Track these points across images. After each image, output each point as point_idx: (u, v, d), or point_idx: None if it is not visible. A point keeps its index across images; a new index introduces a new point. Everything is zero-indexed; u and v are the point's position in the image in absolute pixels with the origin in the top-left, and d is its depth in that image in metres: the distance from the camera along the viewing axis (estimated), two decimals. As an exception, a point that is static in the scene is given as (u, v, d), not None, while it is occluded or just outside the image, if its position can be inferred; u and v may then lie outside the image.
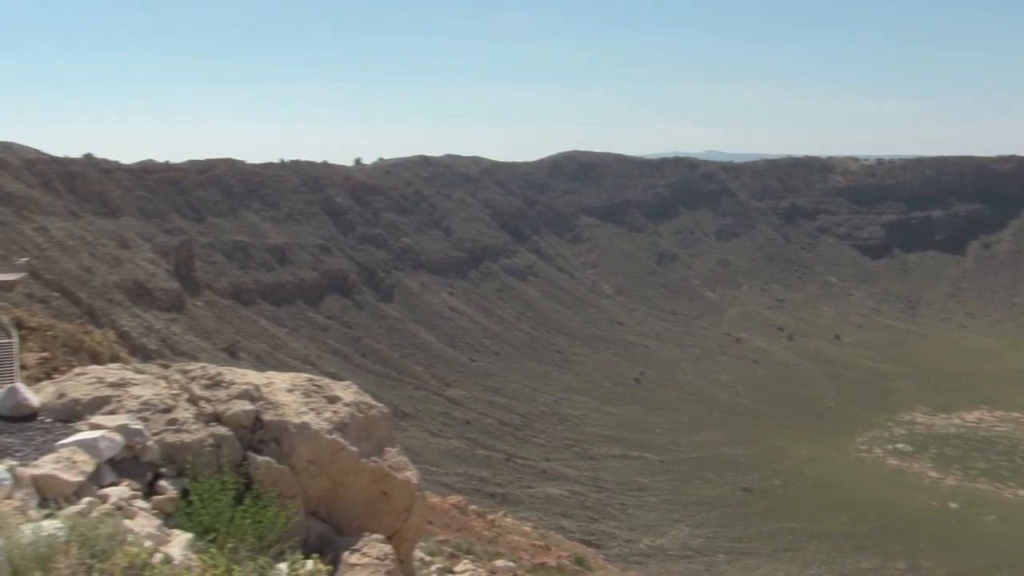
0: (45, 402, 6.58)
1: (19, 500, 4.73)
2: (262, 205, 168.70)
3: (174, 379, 6.97)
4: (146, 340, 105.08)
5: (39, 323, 50.21)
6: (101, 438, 5.68)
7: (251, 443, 6.51)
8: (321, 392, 7.08)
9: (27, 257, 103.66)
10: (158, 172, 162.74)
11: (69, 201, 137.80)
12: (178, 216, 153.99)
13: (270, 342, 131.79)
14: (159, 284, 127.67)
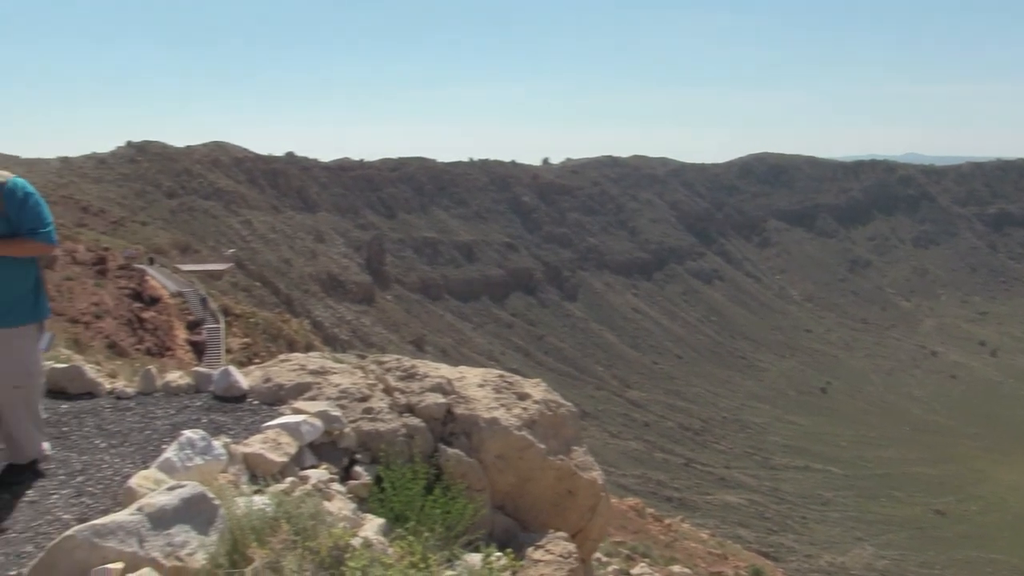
0: (253, 385, 6.95)
1: (232, 475, 5.01)
2: (451, 203, 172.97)
3: (370, 370, 7.21)
4: (338, 330, 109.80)
5: (243, 311, 53.42)
6: (303, 422, 5.93)
7: (442, 435, 6.65)
8: (511, 389, 7.16)
9: (233, 249, 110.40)
10: (353, 170, 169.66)
11: (271, 196, 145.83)
12: (371, 212, 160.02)
13: (455, 337, 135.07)
14: (351, 277, 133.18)
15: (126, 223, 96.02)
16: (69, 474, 5.37)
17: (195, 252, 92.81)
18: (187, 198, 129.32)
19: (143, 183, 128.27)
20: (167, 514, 3.85)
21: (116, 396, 6.98)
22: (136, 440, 6.03)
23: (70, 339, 23.35)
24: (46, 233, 4.88)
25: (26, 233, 4.85)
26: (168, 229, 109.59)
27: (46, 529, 4.58)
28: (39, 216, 4.87)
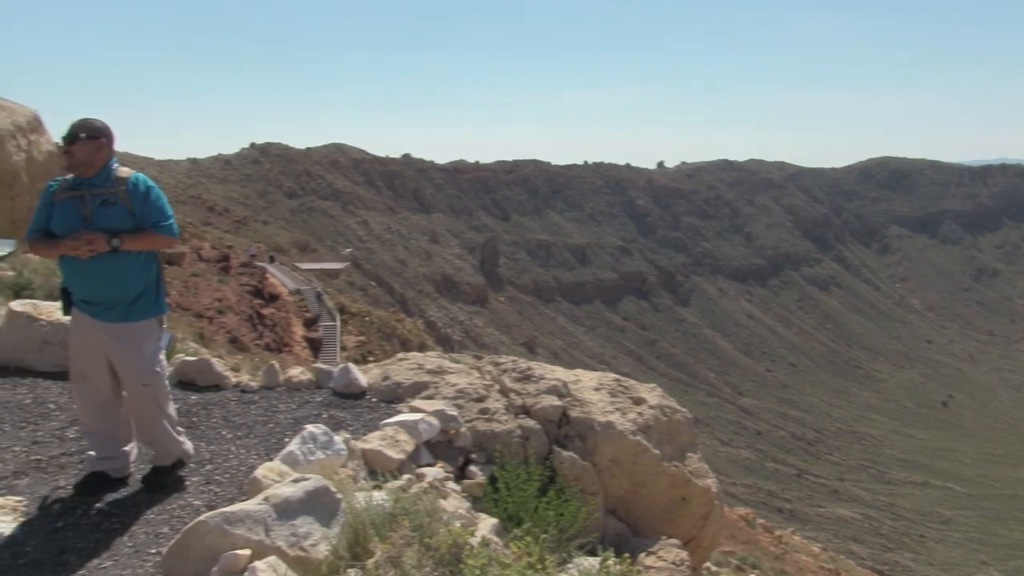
0: (372, 383, 7.08)
1: (351, 470, 5.12)
2: (565, 205, 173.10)
3: (487, 370, 7.27)
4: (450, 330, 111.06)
5: (359, 309, 54.55)
6: (421, 421, 6.02)
7: (557, 438, 6.65)
8: (627, 393, 7.12)
9: (351, 248, 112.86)
10: (468, 172, 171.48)
11: (388, 198, 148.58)
12: (485, 214, 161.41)
13: (567, 339, 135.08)
14: (465, 278, 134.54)
15: (249, 222, 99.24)
16: (199, 462, 5.59)
17: (313, 251, 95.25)
18: (307, 198, 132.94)
19: (265, 183, 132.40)
20: (292, 505, 3.97)
21: (241, 389, 7.23)
22: (260, 432, 6.23)
23: (195, 333, 24.23)
24: (168, 226, 4.99)
25: (150, 226, 4.94)
26: (288, 228, 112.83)
27: (179, 513, 4.81)
28: (161, 210, 4.97)
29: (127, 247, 4.87)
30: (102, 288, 4.96)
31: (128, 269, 4.99)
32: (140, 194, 4.95)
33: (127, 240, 4.85)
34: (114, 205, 4.92)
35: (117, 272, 4.97)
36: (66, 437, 5.95)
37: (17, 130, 15.17)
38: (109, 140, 4.99)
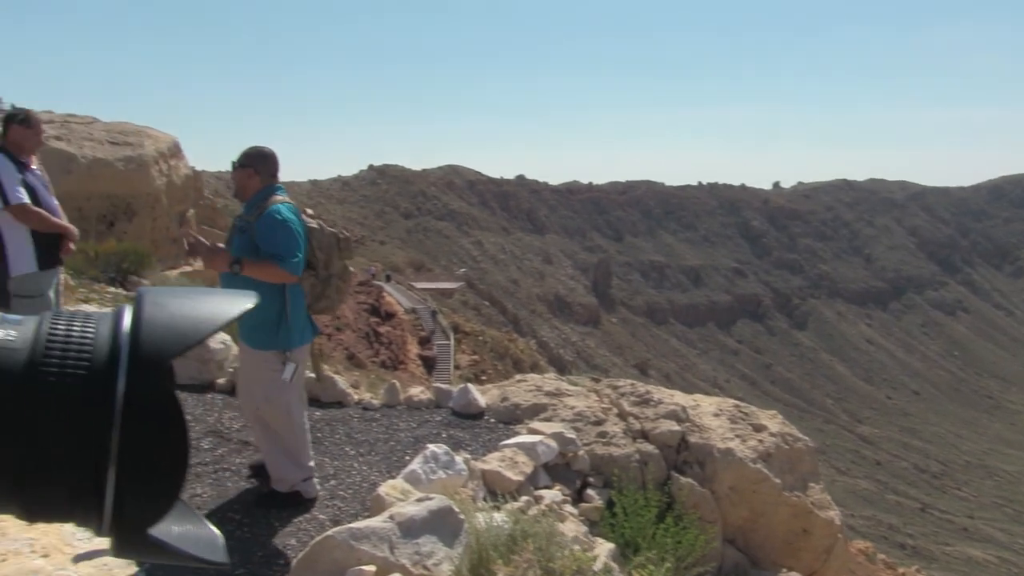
0: (490, 403, 7.16)
1: (471, 490, 5.19)
2: (679, 226, 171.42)
3: (605, 393, 7.27)
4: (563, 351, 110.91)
5: (472, 329, 55.04)
6: (539, 443, 6.05)
7: (675, 463, 6.60)
8: (747, 420, 7.01)
9: (465, 268, 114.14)
10: (581, 192, 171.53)
11: (502, 218, 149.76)
12: (598, 235, 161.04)
13: (680, 362, 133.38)
14: (578, 299, 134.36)
15: (366, 242, 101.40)
16: (323, 477, 5.75)
17: (428, 271, 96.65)
18: (422, 219, 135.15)
19: (382, 204, 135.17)
20: (416, 524, 4.05)
21: (363, 407, 7.41)
22: (381, 450, 6.37)
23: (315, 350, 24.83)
24: (284, 260, 4.93)
25: (269, 258, 4.95)
26: (404, 248, 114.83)
27: (306, 526, 4.96)
28: (283, 244, 4.94)
29: (246, 273, 4.91)
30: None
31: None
32: (267, 225, 5.01)
33: (247, 266, 4.90)
34: (245, 232, 5.10)
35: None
36: (201, 447, 6.20)
37: (160, 156, 15.93)
38: (260, 169, 5.15)
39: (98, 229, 14.15)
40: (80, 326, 0.40)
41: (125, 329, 0.40)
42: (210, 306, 0.43)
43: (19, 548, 4.10)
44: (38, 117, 6.20)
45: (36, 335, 0.39)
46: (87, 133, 15.98)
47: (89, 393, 0.38)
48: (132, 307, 0.43)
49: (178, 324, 0.41)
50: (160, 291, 0.43)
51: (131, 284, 12.51)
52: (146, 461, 0.39)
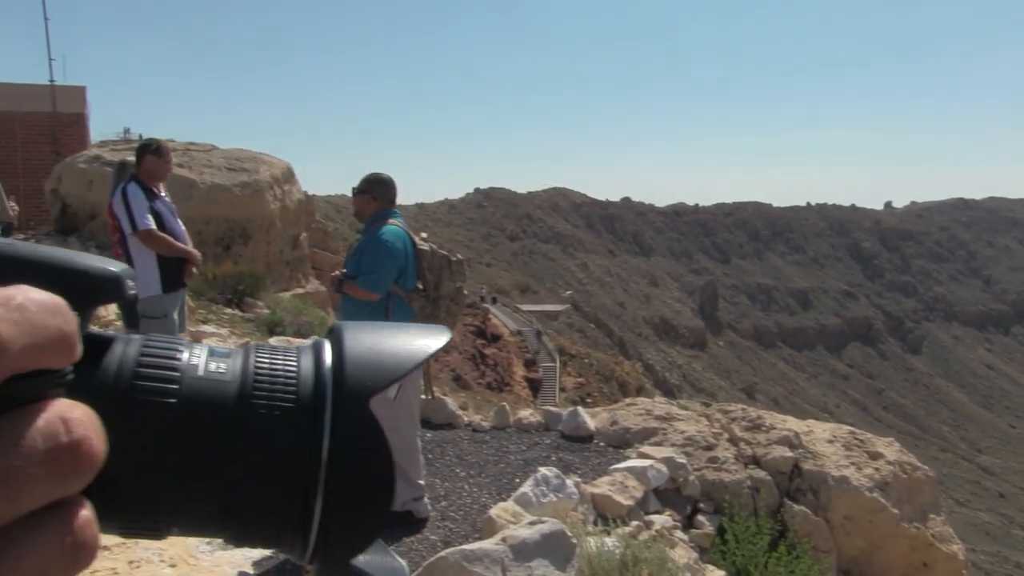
0: (599, 427, 7.15)
1: (581, 514, 5.18)
2: (786, 248, 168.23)
3: (715, 418, 7.18)
4: (668, 374, 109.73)
5: (578, 351, 54.97)
6: (650, 467, 6.01)
7: (788, 490, 6.47)
8: (863, 447, 6.83)
9: (570, 291, 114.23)
10: (688, 214, 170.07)
11: (608, 240, 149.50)
12: (705, 257, 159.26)
13: (788, 387, 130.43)
14: (684, 322, 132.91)
15: (472, 264, 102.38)
16: (434, 498, 5.82)
17: (534, 293, 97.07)
18: (528, 241, 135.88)
19: (489, 227, 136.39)
20: (528, 547, 4.07)
21: (473, 429, 7.48)
22: (491, 472, 6.42)
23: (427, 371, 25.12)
24: (364, 278, 5.13)
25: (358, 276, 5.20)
26: (510, 270, 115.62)
27: (417, 546, 5.03)
28: (368, 263, 5.16)
29: (344, 290, 5.20)
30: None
31: (351, 315, 5.34)
32: (367, 247, 5.25)
33: (346, 285, 5.18)
34: (356, 254, 5.33)
35: (346, 314, 5.41)
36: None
37: (274, 181, 16.42)
38: (377, 195, 5.37)
39: (215, 252, 14.65)
40: (282, 360, 0.42)
41: (327, 363, 0.42)
42: (409, 341, 0.44)
43: (149, 557, 4.28)
44: (168, 147, 6.50)
45: (244, 368, 0.41)
46: (206, 160, 16.59)
47: (297, 425, 0.40)
48: (330, 341, 0.44)
49: (380, 359, 0.42)
50: (358, 326, 0.45)
51: (247, 306, 12.91)
52: (352, 494, 0.41)
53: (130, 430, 0.37)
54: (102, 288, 0.42)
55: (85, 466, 0.34)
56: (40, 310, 0.34)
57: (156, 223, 6.12)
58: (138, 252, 6.12)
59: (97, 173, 15.84)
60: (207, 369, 0.40)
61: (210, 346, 0.42)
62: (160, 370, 0.39)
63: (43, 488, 0.33)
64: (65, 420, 0.34)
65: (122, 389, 0.39)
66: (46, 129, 19.80)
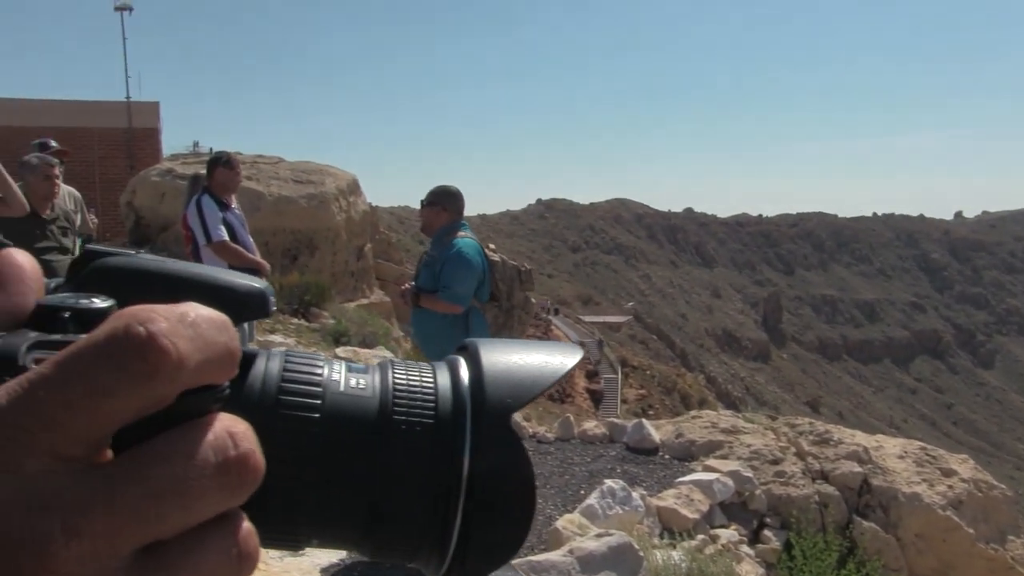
0: (664, 439, 7.12)
1: (647, 527, 5.17)
2: (852, 259, 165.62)
3: (782, 431, 7.11)
4: (731, 387, 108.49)
5: (639, 362, 54.70)
6: (716, 481, 5.98)
7: (857, 506, 6.37)
8: (935, 463, 6.70)
9: (632, 302, 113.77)
10: (751, 225, 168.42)
11: (669, 252, 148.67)
12: (768, 268, 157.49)
13: (853, 400, 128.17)
14: (747, 333, 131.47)
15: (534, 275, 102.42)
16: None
17: (596, 304, 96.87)
18: (590, 252, 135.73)
19: (550, 238, 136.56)
20: (595, 559, 4.08)
21: (537, 440, 7.50)
22: (556, 483, 6.42)
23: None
24: (446, 291, 5.14)
25: (440, 290, 5.20)
26: (572, 281, 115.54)
27: (483, 558, 5.03)
28: (450, 276, 5.16)
29: (422, 305, 5.19)
30: (415, 339, 5.46)
31: (427, 327, 5.40)
32: (446, 260, 5.25)
33: (423, 299, 5.19)
34: (429, 267, 5.36)
35: (420, 326, 5.43)
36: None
37: (340, 193, 16.67)
38: (447, 207, 5.41)
39: (282, 263, 14.87)
40: (419, 375, 0.42)
41: (465, 380, 0.42)
42: (546, 358, 0.44)
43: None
44: (237, 159, 6.65)
45: (383, 384, 0.41)
46: (274, 172, 16.89)
47: (437, 441, 0.40)
48: (465, 358, 0.44)
49: (518, 376, 0.42)
50: (491, 343, 0.45)
51: (312, 316, 13.09)
52: (492, 511, 0.41)
53: (275, 444, 0.37)
54: (248, 304, 0.44)
55: (250, 479, 0.35)
56: (210, 327, 0.36)
57: (228, 234, 6.26)
58: (210, 263, 6.24)
59: (169, 186, 16.22)
60: (348, 385, 0.41)
61: (347, 361, 0.43)
62: (303, 385, 0.40)
63: (214, 500, 0.35)
64: (232, 434, 0.36)
65: (268, 404, 0.40)
66: (122, 144, 20.36)
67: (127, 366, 0.34)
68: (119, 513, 0.33)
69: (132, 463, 0.35)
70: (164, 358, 0.34)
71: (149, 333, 0.34)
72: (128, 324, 0.34)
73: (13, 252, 0.39)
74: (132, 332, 0.34)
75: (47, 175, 6.10)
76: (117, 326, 0.34)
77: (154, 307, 0.36)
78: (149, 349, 0.34)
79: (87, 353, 0.34)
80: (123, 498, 0.34)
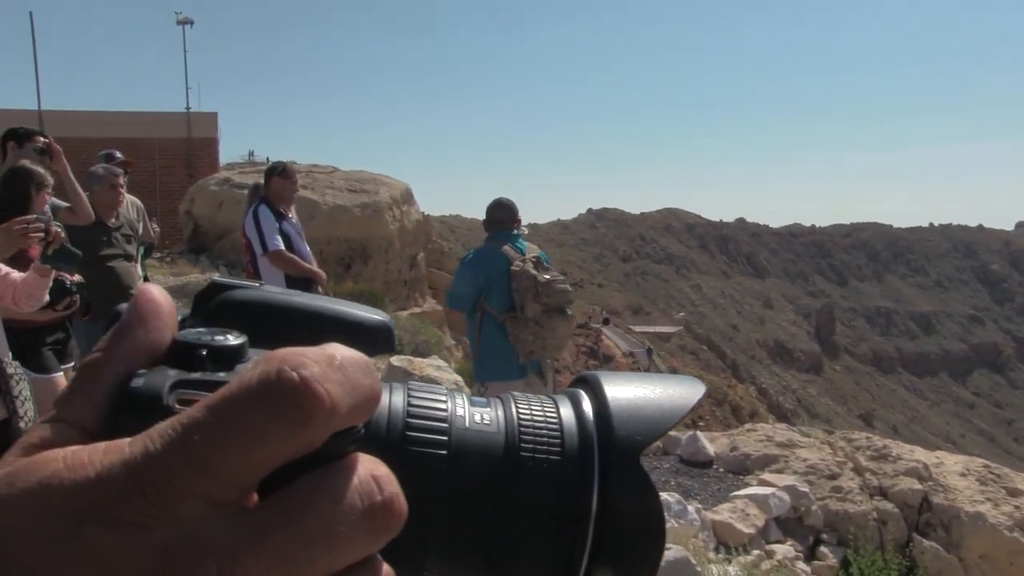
0: (719, 452, 7.07)
1: (702, 540, 5.14)
2: (908, 270, 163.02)
3: (839, 446, 7.02)
4: (782, 399, 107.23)
5: (690, 373, 54.23)
6: (771, 495, 5.93)
7: (916, 524, 6.26)
8: (999, 482, 6.56)
9: (683, 312, 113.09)
10: (804, 235, 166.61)
11: (721, 262, 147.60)
12: (821, 279, 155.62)
13: (908, 414, 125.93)
14: (799, 345, 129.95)
15: (585, 284, 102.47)
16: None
17: (646, 314, 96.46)
18: (640, 262, 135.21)
19: (601, 247, 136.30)
20: (651, 573, 4.06)
21: (589, 451, 7.49)
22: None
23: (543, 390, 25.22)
24: (447, 294, 5.46)
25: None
26: (622, 291, 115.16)
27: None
28: (452, 281, 5.51)
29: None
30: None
31: (467, 332, 5.54)
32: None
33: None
34: None
35: (467, 331, 5.57)
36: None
37: (393, 202, 16.82)
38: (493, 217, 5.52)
39: (336, 271, 15.03)
40: (542, 410, 0.42)
41: (589, 415, 0.41)
42: (669, 392, 0.43)
43: None
44: (294, 169, 6.75)
45: (507, 419, 0.41)
46: (328, 182, 17.10)
47: (565, 478, 0.39)
48: (586, 391, 0.43)
49: (646, 412, 0.41)
50: (611, 376, 0.44)
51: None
52: (620, 548, 0.40)
53: (403, 482, 0.37)
54: (377, 340, 0.43)
55: (394, 524, 0.35)
56: (356, 369, 0.36)
57: (284, 244, 6.34)
58: (267, 272, 6.34)
59: (226, 195, 16.49)
60: (473, 420, 0.41)
61: (468, 395, 0.43)
62: (430, 421, 0.40)
63: (360, 544, 0.35)
64: (376, 478, 0.36)
65: (395, 440, 0.40)
66: (182, 154, 20.76)
67: (281, 412, 0.34)
68: (270, 557, 0.34)
69: (281, 507, 0.35)
70: (318, 404, 0.34)
71: (302, 379, 0.34)
72: (281, 369, 0.34)
73: (150, 288, 0.38)
74: (285, 377, 0.34)
75: (112, 185, 6.29)
76: (269, 371, 0.34)
77: (304, 351, 0.36)
78: (303, 395, 0.34)
79: (240, 398, 0.34)
80: (274, 542, 0.34)
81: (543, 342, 5.40)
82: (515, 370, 5.42)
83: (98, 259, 6.16)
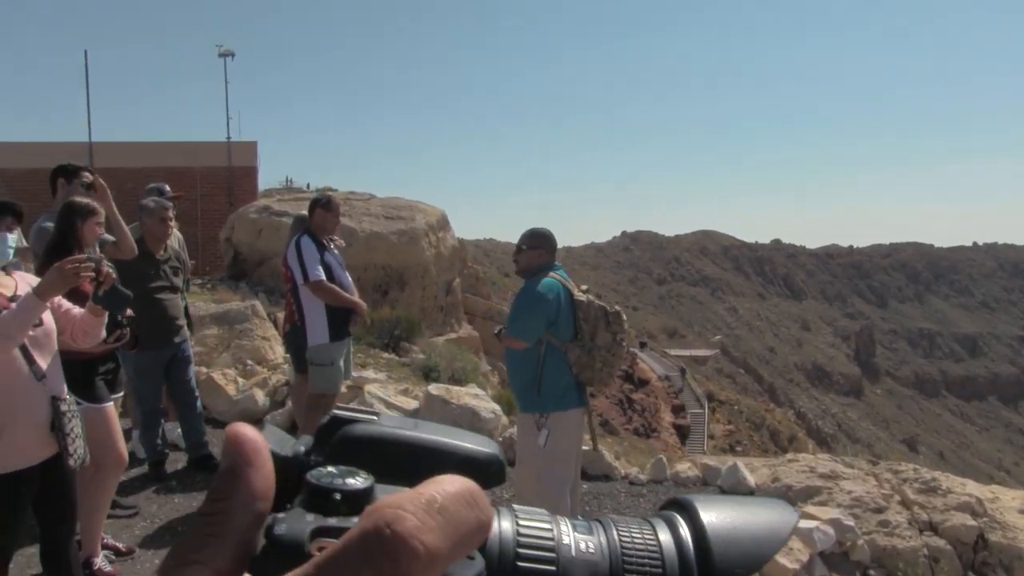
0: (760, 483, 6.95)
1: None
2: (951, 291, 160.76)
3: (884, 478, 6.86)
4: (821, 423, 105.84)
5: (727, 397, 53.83)
6: (816, 529, 5.80)
7: (972, 563, 6.08)
8: (1059, 518, 6.36)
9: (719, 335, 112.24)
10: (841, 256, 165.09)
11: (757, 284, 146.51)
12: (860, 300, 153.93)
13: (955, 439, 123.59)
14: (838, 368, 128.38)
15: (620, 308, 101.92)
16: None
17: (682, 337, 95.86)
18: (675, 284, 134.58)
19: (635, 270, 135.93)
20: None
21: (630, 481, 7.39)
22: (650, 529, 6.30)
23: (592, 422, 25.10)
24: (513, 326, 5.29)
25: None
26: (657, 314, 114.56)
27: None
28: (517, 311, 5.34)
29: (503, 341, 5.42)
30: (508, 374, 5.62)
31: (510, 362, 5.51)
32: (516, 297, 5.50)
33: (503, 336, 5.39)
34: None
35: (508, 361, 5.54)
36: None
37: (429, 228, 16.87)
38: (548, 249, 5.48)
39: (374, 298, 15.07)
40: (641, 535, 0.43)
41: (688, 542, 0.42)
42: (766, 520, 0.44)
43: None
44: (337, 201, 6.79)
45: (610, 545, 0.42)
46: (365, 209, 17.19)
47: None
48: (683, 516, 0.44)
49: (744, 542, 0.42)
50: (707, 501, 0.45)
51: (402, 350, 13.19)
52: None
53: None
54: (489, 473, 0.44)
55: None
56: (459, 506, 0.38)
57: (325, 274, 6.37)
58: (308, 301, 6.38)
59: (266, 222, 16.63)
60: (578, 548, 0.41)
61: (571, 520, 0.44)
62: (539, 551, 0.41)
63: None
64: None
65: (507, 569, 0.41)
66: (222, 182, 21.04)
67: (380, 570, 0.35)
68: None
69: None
70: (414, 561, 0.36)
71: (396, 535, 0.36)
72: (377, 527, 0.36)
73: (245, 429, 0.41)
74: (383, 536, 0.36)
75: (163, 218, 6.48)
76: (368, 528, 0.36)
77: (402, 501, 0.37)
78: (400, 553, 0.36)
79: (342, 557, 0.36)
80: None
81: (610, 369, 5.40)
82: (575, 399, 5.42)
83: (147, 291, 6.28)
